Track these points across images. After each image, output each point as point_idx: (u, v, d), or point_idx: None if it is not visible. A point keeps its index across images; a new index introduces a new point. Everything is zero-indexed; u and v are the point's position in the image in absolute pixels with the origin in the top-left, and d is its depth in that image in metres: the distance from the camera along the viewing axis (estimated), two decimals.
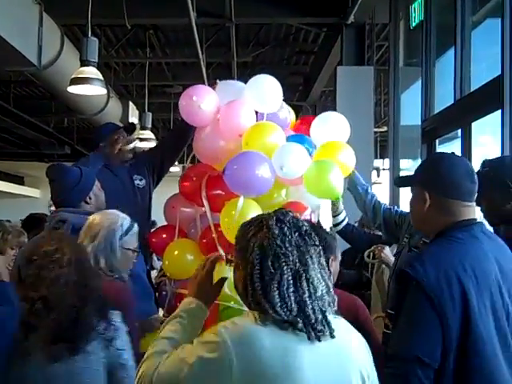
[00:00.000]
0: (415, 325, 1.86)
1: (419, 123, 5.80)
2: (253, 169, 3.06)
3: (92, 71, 5.38)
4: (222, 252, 3.16)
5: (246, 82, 3.54)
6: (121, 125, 4.24)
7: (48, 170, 3.34)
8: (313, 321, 1.56)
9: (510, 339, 1.91)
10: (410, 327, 1.86)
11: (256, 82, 3.45)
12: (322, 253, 1.67)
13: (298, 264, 1.59)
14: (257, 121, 3.33)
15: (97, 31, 7.85)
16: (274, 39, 9.29)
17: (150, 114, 9.55)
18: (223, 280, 1.92)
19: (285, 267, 1.58)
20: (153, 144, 8.99)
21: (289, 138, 3.34)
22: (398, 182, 2.45)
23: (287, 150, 3.15)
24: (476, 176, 2.07)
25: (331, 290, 1.66)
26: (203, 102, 3.27)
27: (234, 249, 1.74)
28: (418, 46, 5.77)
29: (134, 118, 9.91)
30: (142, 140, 8.97)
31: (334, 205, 3.80)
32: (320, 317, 1.57)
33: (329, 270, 1.71)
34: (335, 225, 3.88)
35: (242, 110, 3.29)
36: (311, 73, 10.36)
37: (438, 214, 2.04)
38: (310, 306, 1.57)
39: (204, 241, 3.28)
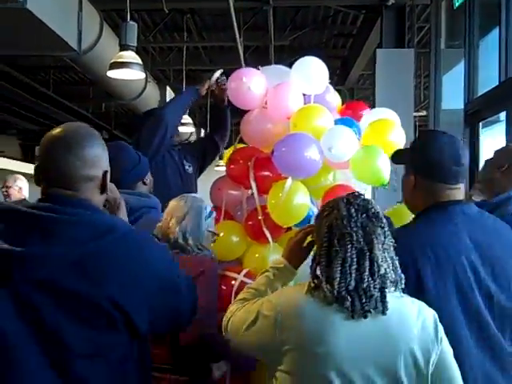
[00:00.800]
0: None
1: (460, 107, 5.72)
2: (301, 150, 3.07)
3: (131, 55, 5.40)
4: (268, 234, 3.19)
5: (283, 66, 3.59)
6: None
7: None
8: (364, 299, 1.65)
9: (485, 320, 1.90)
10: None
11: (302, 63, 3.45)
12: (387, 234, 1.75)
13: (362, 243, 1.69)
14: (304, 103, 3.34)
15: (134, 16, 7.88)
16: (311, 22, 9.21)
17: None
18: (311, 245, 2.02)
19: (349, 245, 1.69)
20: (191, 129, 9.04)
21: (336, 122, 3.33)
22: (395, 158, 2.37)
23: (336, 132, 3.15)
24: (463, 158, 2.06)
25: (397, 269, 1.73)
26: (253, 83, 3.28)
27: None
28: (461, 26, 5.67)
29: None
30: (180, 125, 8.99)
31: None
32: (376, 294, 1.66)
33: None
34: None
35: (289, 93, 3.30)
36: (349, 56, 10.27)
37: (422, 195, 2.07)
38: (366, 284, 1.66)
39: (250, 223, 3.31)
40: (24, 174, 5.90)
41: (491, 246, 1.98)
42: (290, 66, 3.50)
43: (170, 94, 9.97)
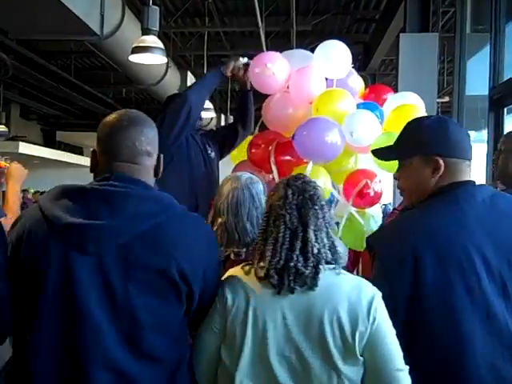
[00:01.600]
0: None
1: (483, 93, 5.62)
2: (322, 135, 3.04)
3: (153, 40, 5.40)
4: None
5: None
6: None
7: None
8: (292, 276, 1.71)
9: (494, 309, 1.82)
10: None
11: (325, 47, 3.40)
12: (325, 215, 1.80)
13: (296, 224, 1.76)
14: (327, 87, 3.30)
15: (156, 1, 7.86)
16: (334, 7, 9.12)
17: None
18: None
19: (282, 226, 1.76)
20: (212, 114, 9.02)
21: (359, 106, 3.29)
22: (381, 155, 2.20)
23: (358, 116, 3.11)
24: None
25: (335, 248, 1.79)
26: (276, 68, 3.24)
27: None
28: (487, 10, 5.56)
29: None
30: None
31: None
32: (307, 272, 1.71)
33: None
34: None
35: (312, 77, 3.26)
36: (371, 41, 10.16)
37: (447, 176, 1.94)
38: (294, 263, 1.72)
39: None
40: (45, 159, 5.94)
41: (506, 230, 1.88)
42: (311, 51, 3.47)
43: (190, 80, 9.98)
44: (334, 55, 3.35)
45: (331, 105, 3.15)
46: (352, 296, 1.71)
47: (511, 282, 1.84)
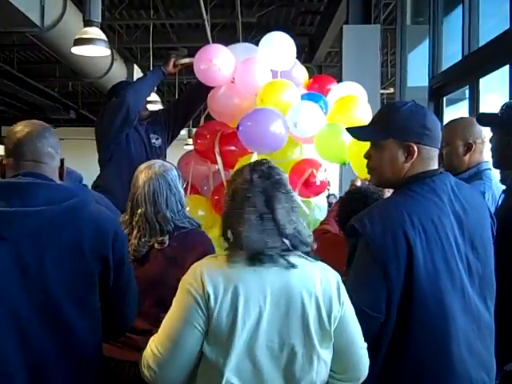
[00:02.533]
0: (361, 279, 1.91)
1: (426, 84, 5.79)
2: (266, 125, 3.09)
3: (95, 32, 5.31)
4: None
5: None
6: None
7: None
8: (265, 259, 1.69)
9: (468, 292, 1.93)
10: (356, 281, 1.90)
11: (269, 39, 3.45)
12: (292, 199, 1.80)
13: (263, 207, 1.74)
14: (272, 79, 3.35)
15: None
16: None
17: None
18: None
19: (249, 208, 1.74)
20: (159, 106, 8.96)
21: (303, 97, 3.36)
22: (357, 134, 2.24)
23: (302, 107, 3.18)
24: None
25: (301, 232, 1.78)
26: (222, 62, 3.27)
27: None
28: (426, 3, 5.71)
29: None
30: (148, 102, 8.91)
31: None
32: (276, 254, 1.70)
33: None
34: None
35: (257, 68, 3.31)
36: (317, 33, 10.26)
37: (418, 163, 1.99)
38: (265, 245, 1.70)
39: (216, 197, 3.33)
40: None
41: (469, 217, 1.98)
42: (257, 44, 3.50)
43: (137, 73, 9.88)
44: (279, 46, 3.40)
45: (275, 96, 3.20)
46: (322, 279, 1.73)
47: (474, 265, 1.96)
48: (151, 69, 9.77)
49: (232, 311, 1.66)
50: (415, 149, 1.98)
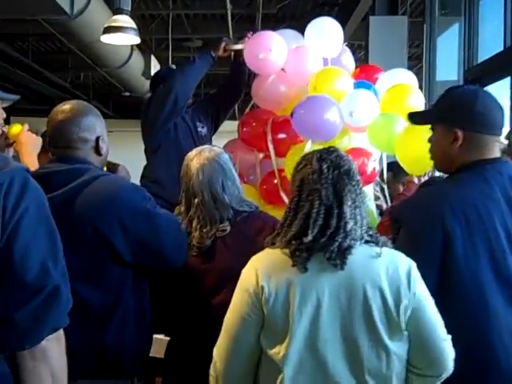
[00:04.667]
0: None
1: (455, 78, 5.70)
2: (321, 113, 3.02)
3: (126, 20, 5.27)
4: (285, 198, 3.14)
5: None
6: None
7: None
8: (327, 254, 1.63)
9: None
10: None
11: (316, 25, 3.38)
12: (360, 192, 1.74)
13: (331, 200, 1.68)
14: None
15: None
16: None
17: (175, 66, 9.38)
18: None
19: (317, 202, 1.68)
20: None
21: (354, 85, 3.27)
22: (415, 118, 2.24)
23: (358, 95, 3.10)
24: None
25: (366, 226, 1.72)
26: (277, 51, 3.20)
27: None
28: None
29: None
30: None
31: None
32: (336, 250, 1.64)
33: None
34: None
35: (309, 56, 3.23)
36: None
37: (469, 150, 1.94)
38: (326, 240, 1.65)
39: (265, 187, 3.26)
40: None
41: None
42: None
43: (154, 64, 9.77)
44: (327, 32, 3.33)
45: (329, 83, 3.13)
46: (389, 269, 1.67)
47: None
48: (169, 60, 9.79)
49: (287, 303, 1.63)
50: (459, 135, 1.93)
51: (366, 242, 1.70)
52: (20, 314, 1.34)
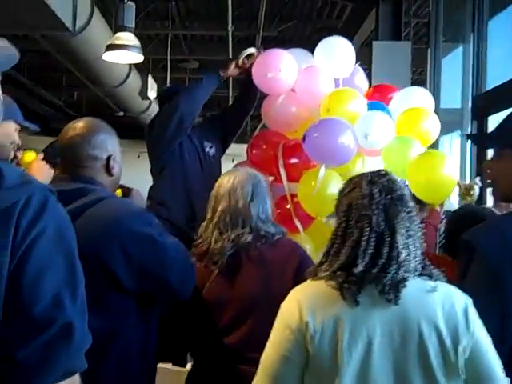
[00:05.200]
0: (477, 298, 1.68)
1: (458, 106, 5.62)
2: (335, 136, 2.90)
3: (129, 37, 5.18)
4: (298, 224, 3.01)
5: None
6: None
7: None
8: (378, 286, 1.50)
9: None
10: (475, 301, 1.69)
11: (327, 44, 3.30)
12: (414, 219, 1.61)
13: (383, 227, 1.55)
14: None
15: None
16: (298, 14, 9.05)
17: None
18: None
19: (367, 228, 1.55)
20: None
21: (368, 106, 3.16)
22: (477, 141, 2.13)
23: (373, 118, 3.00)
24: None
25: (420, 256, 1.59)
26: (287, 70, 3.10)
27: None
28: (456, 18, 5.55)
29: (152, 92, 9.65)
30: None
31: None
32: (395, 281, 1.51)
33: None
34: None
35: (320, 77, 3.13)
36: None
37: None
38: (378, 271, 1.51)
39: (278, 211, 3.11)
40: None
41: None
42: None
43: (151, 84, 9.67)
44: (338, 52, 3.24)
45: (342, 105, 3.02)
46: (445, 305, 1.53)
47: None
48: (167, 81, 9.69)
49: (335, 342, 1.48)
50: None
51: (419, 274, 1.57)
52: (23, 352, 1.14)
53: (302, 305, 1.53)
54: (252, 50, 3.40)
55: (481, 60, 5.10)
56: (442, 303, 1.53)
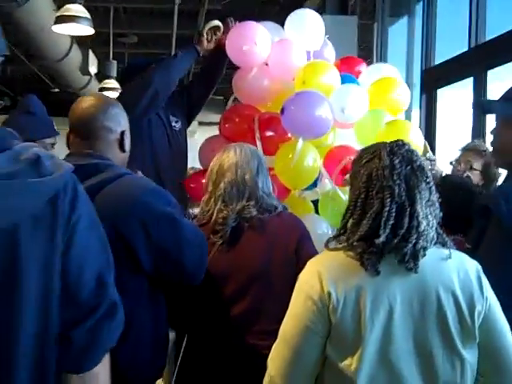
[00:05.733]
0: (494, 263, 1.80)
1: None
2: (313, 109, 2.92)
3: (80, 9, 5.03)
4: None
5: None
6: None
7: None
8: (398, 256, 1.53)
9: None
10: (489, 265, 1.73)
11: (297, 18, 3.29)
12: (433, 189, 1.63)
13: (404, 198, 1.56)
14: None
15: None
16: None
17: (115, 62, 9.09)
18: None
19: (388, 199, 1.55)
20: (118, 94, 8.61)
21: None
22: (483, 108, 2.18)
23: (348, 91, 3.02)
24: None
25: (438, 227, 1.61)
26: (262, 43, 3.08)
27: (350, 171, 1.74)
28: None
29: (93, 68, 9.42)
30: (105, 90, 8.54)
31: None
32: (409, 252, 1.53)
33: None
34: None
35: (293, 50, 3.14)
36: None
37: None
38: (399, 242, 1.54)
39: None
40: None
41: None
42: None
43: (92, 59, 9.41)
44: (309, 25, 3.25)
45: (317, 77, 3.03)
46: (460, 272, 1.58)
47: None
48: (111, 55, 9.46)
49: (358, 312, 1.50)
50: None
51: (435, 243, 1.61)
52: (76, 333, 1.23)
53: (322, 276, 1.55)
54: (216, 22, 3.36)
55: (430, 33, 5.21)
56: (457, 270, 1.57)
